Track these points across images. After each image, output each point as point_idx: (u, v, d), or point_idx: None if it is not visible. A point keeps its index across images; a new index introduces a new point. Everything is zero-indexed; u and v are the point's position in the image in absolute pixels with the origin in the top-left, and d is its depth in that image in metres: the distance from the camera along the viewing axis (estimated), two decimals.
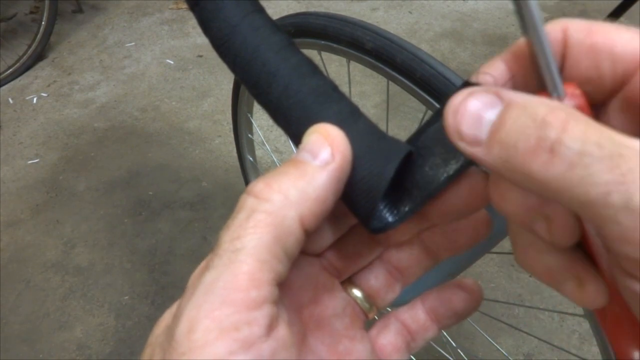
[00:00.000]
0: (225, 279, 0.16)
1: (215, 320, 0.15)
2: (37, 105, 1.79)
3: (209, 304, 0.15)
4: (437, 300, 0.24)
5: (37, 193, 1.46)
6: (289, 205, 0.17)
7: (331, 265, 0.23)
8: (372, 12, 2.07)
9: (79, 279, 1.24)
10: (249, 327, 0.15)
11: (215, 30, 0.23)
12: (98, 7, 2.29)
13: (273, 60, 0.22)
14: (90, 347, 1.11)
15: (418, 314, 0.24)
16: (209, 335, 0.15)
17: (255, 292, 0.16)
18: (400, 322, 0.24)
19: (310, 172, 0.18)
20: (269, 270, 0.16)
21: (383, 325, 0.24)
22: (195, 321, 0.15)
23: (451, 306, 0.23)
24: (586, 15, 1.95)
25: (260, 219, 0.17)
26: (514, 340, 1.05)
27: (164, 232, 1.32)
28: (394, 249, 0.24)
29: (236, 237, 0.17)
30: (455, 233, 0.22)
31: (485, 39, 1.86)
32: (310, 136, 0.19)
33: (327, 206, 0.18)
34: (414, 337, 0.24)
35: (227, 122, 1.62)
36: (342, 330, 0.23)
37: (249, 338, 0.15)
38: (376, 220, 0.20)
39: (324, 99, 0.21)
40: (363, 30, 0.57)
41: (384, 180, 0.19)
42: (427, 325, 0.24)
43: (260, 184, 0.18)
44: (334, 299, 0.23)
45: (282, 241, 0.17)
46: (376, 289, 0.24)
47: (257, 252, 0.16)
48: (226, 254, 0.16)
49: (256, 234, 0.17)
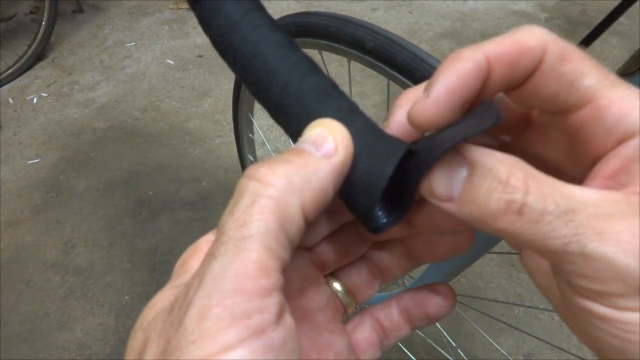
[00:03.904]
0: (235, 267, 0.16)
1: (227, 308, 0.15)
2: (37, 105, 1.79)
3: (220, 293, 0.15)
4: (411, 301, 0.24)
5: (37, 193, 1.46)
6: (292, 192, 0.17)
7: (319, 259, 0.23)
8: (372, 12, 2.07)
9: (79, 278, 1.24)
10: (260, 314, 0.15)
11: (215, 29, 0.23)
12: (98, 7, 2.30)
13: (273, 58, 0.22)
14: (90, 347, 1.11)
15: (392, 313, 0.24)
16: (220, 323, 0.15)
17: (264, 280, 0.16)
18: (375, 319, 0.24)
19: (314, 163, 0.18)
20: (275, 258, 0.16)
21: (359, 321, 0.24)
22: (206, 309, 0.15)
23: (424, 309, 0.24)
24: (585, 15, 1.95)
25: (266, 205, 0.16)
26: (514, 340, 1.05)
27: (164, 232, 1.32)
28: (378, 249, 0.24)
29: (242, 223, 0.16)
30: (438, 243, 0.23)
31: (485, 39, 1.85)
32: (313, 129, 0.19)
33: (327, 198, 0.18)
34: (387, 334, 0.24)
35: (227, 122, 1.62)
36: (323, 323, 0.23)
37: (260, 325, 0.15)
38: (374, 219, 0.20)
39: (324, 96, 0.21)
40: (364, 29, 0.57)
41: (383, 179, 0.19)
42: (400, 324, 0.24)
43: (263, 167, 0.18)
44: (319, 293, 0.23)
45: (286, 228, 0.17)
46: (357, 285, 0.24)
47: (264, 240, 0.16)
48: (232, 241, 0.16)
49: (262, 220, 0.16)
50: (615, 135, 0.17)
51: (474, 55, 0.17)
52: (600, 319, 0.16)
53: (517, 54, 0.17)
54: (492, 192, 0.16)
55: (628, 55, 0.39)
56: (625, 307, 0.15)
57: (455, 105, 0.17)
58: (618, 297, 0.15)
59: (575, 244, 0.15)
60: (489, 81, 0.18)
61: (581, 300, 0.16)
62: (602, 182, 0.17)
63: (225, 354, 0.15)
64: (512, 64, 0.17)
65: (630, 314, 0.15)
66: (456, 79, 0.17)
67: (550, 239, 0.15)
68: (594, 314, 0.16)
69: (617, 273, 0.15)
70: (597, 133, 0.17)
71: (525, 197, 0.15)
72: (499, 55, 0.17)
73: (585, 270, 0.15)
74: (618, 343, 0.15)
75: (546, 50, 0.17)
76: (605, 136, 0.17)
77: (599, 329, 0.16)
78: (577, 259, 0.15)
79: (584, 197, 0.16)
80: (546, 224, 0.15)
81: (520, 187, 0.16)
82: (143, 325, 0.18)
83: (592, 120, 0.17)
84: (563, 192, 0.16)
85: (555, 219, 0.15)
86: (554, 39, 0.17)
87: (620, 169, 0.17)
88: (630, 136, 0.17)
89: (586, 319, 0.16)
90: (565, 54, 0.17)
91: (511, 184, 0.16)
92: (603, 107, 0.17)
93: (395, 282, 0.87)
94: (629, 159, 0.17)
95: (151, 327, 0.17)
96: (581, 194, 0.16)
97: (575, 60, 0.17)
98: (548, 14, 1.97)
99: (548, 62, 0.17)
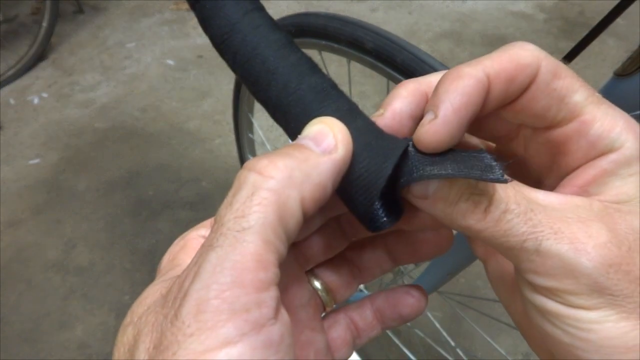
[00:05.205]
0: (233, 259, 0.15)
1: (226, 301, 0.15)
2: (38, 105, 1.79)
3: (218, 285, 0.15)
4: (385, 302, 0.25)
5: (37, 193, 1.46)
6: (292, 185, 0.17)
7: (301, 253, 0.23)
8: (371, 13, 2.07)
9: (80, 278, 1.24)
10: (258, 309, 0.15)
11: (215, 28, 0.23)
12: (99, 8, 2.30)
13: (272, 58, 0.22)
14: (90, 347, 1.11)
15: (366, 313, 0.25)
16: (219, 316, 0.14)
17: (263, 273, 0.15)
18: (350, 318, 0.25)
19: (314, 158, 0.18)
20: (273, 252, 0.16)
21: (334, 320, 0.24)
22: (203, 301, 0.15)
23: (397, 309, 0.24)
24: (583, 15, 1.96)
25: (266, 197, 0.16)
26: (512, 340, 1.05)
27: (164, 232, 1.33)
28: (359, 249, 0.25)
29: (241, 215, 0.16)
30: (419, 244, 0.24)
31: (485, 40, 1.87)
32: (313, 126, 0.19)
33: (326, 194, 0.18)
34: (359, 334, 0.25)
35: (227, 122, 1.63)
36: (305, 320, 0.23)
37: (259, 320, 0.15)
38: (374, 217, 0.20)
39: (323, 96, 0.21)
40: (363, 30, 0.57)
41: (382, 178, 0.19)
42: (373, 324, 0.25)
43: (264, 160, 0.17)
44: (302, 289, 0.23)
45: (285, 222, 0.16)
46: (337, 284, 0.24)
47: (263, 232, 0.16)
48: (231, 232, 0.16)
49: (261, 212, 0.16)
50: (596, 149, 0.18)
51: (475, 73, 0.17)
52: (554, 315, 0.16)
53: (515, 70, 0.18)
54: (463, 193, 0.17)
55: (626, 56, 0.39)
56: (576, 304, 0.16)
57: (463, 124, 0.17)
58: (570, 295, 0.16)
59: (532, 241, 0.16)
60: (487, 97, 0.18)
61: (537, 297, 0.17)
62: (573, 190, 0.18)
63: (224, 349, 0.14)
64: (509, 80, 0.18)
65: (581, 312, 0.16)
66: (461, 98, 0.17)
67: (509, 236, 0.16)
68: (548, 311, 0.16)
69: (570, 271, 0.15)
70: (580, 146, 0.18)
71: (491, 198, 0.17)
72: (498, 71, 0.18)
73: (540, 267, 0.16)
74: (569, 340, 0.16)
75: (540, 66, 0.18)
76: (587, 149, 0.18)
77: (552, 326, 0.16)
78: (533, 256, 0.16)
79: (546, 201, 0.17)
80: (507, 222, 0.16)
81: (488, 189, 0.17)
82: (133, 319, 0.17)
83: (577, 134, 0.18)
84: (526, 195, 0.17)
85: (515, 218, 0.16)
86: (546, 56, 0.18)
87: (593, 179, 0.18)
88: (609, 151, 0.17)
89: (545, 319, 0.17)
90: (557, 71, 0.18)
91: (480, 186, 0.17)
92: (588, 122, 0.18)
93: (395, 281, 0.87)
94: (603, 171, 0.18)
95: (142, 321, 0.16)
96: (543, 198, 0.17)
97: (566, 77, 0.18)
98: (546, 15, 1.98)
99: (541, 78, 0.18)
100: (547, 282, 0.16)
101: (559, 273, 0.16)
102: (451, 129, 0.17)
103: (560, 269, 0.16)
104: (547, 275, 0.16)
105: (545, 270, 0.16)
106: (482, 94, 0.17)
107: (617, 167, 0.17)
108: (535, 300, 0.17)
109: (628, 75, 0.39)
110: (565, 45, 1.79)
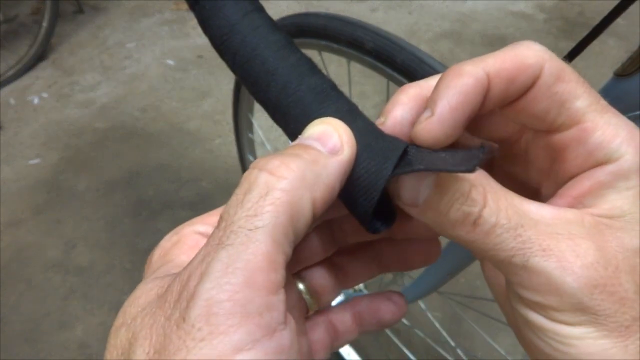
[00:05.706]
0: (245, 258, 0.15)
1: (238, 303, 0.14)
2: (38, 105, 1.79)
3: (230, 285, 0.14)
4: (366, 307, 0.24)
5: (38, 193, 1.46)
6: (305, 187, 0.17)
7: (292, 257, 0.23)
8: (371, 13, 2.07)
9: (80, 278, 1.24)
10: (269, 312, 0.15)
11: (215, 29, 0.23)
12: (99, 8, 2.30)
13: (272, 59, 0.22)
14: (90, 346, 1.11)
15: (346, 317, 0.24)
16: (232, 320, 0.14)
17: (273, 274, 0.15)
18: (329, 321, 0.24)
19: (323, 159, 0.18)
20: (282, 253, 0.16)
21: (313, 323, 0.24)
22: (215, 303, 0.14)
23: (377, 315, 0.24)
24: (583, 16, 1.96)
25: (279, 197, 0.16)
26: (512, 340, 1.05)
27: (164, 232, 1.32)
28: (347, 255, 0.24)
29: (253, 214, 0.16)
30: (408, 253, 0.24)
31: (485, 40, 1.87)
32: (316, 126, 0.19)
33: (334, 195, 0.18)
34: (338, 337, 0.24)
35: (227, 122, 1.62)
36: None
37: (271, 325, 0.15)
38: (373, 219, 0.20)
39: (323, 97, 0.21)
40: (363, 30, 0.57)
41: (382, 179, 0.19)
42: (352, 328, 0.24)
43: (274, 161, 0.17)
44: (290, 291, 0.23)
45: (295, 223, 0.16)
46: (321, 288, 0.24)
47: (274, 232, 0.15)
48: (243, 230, 0.15)
49: (274, 212, 0.16)
50: (594, 158, 0.17)
51: (475, 71, 0.17)
52: (540, 329, 0.17)
53: (516, 70, 0.17)
54: (453, 203, 0.17)
55: (626, 57, 0.39)
56: (561, 320, 0.16)
57: (459, 122, 0.17)
58: (554, 311, 0.16)
59: (520, 257, 0.16)
60: (487, 96, 0.18)
61: (525, 310, 0.17)
62: (567, 201, 0.18)
63: (236, 355, 0.14)
64: (510, 80, 0.17)
65: (564, 327, 0.16)
66: (458, 96, 0.17)
67: (498, 250, 0.16)
68: (535, 324, 0.17)
69: (555, 288, 0.16)
70: (578, 154, 0.18)
71: (482, 211, 0.16)
72: (498, 70, 0.17)
73: (527, 282, 0.16)
74: (550, 351, 0.16)
75: (543, 67, 0.17)
76: (585, 158, 0.18)
77: (539, 339, 0.17)
78: (520, 271, 0.16)
79: (537, 215, 0.17)
80: (496, 236, 0.16)
81: (479, 201, 0.17)
82: (126, 321, 0.16)
83: (576, 141, 0.18)
84: (518, 208, 0.17)
85: (505, 232, 0.16)
86: (551, 57, 0.18)
87: (589, 191, 0.17)
88: (608, 161, 0.17)
89: (530, 330, 0.17)
90: (561, 74, 0.17)
91: (471, 197, 0.17)
92: (588, 130, 0.17)
93: (395, 282, 0.87)
94: (599, 183, 0.17)
95: (138, 323, 0.16)
96: (535, 211, 0.17)
97: (570, 82, 0.17)
98: (546, 15, 1.98)
99: (544, 80, 0.17)
100: (533, 297, 0.16)
101: (545, 289, 0.16)
102: (447, 127, 0.17)
103: (546, 285, 0.16)
104: (533, 290, 0.16)
105: (532, 285, 0.16)
106: (480, 93, 0.17)
107: (614, 179, 0.17)
108: (521, 311, 0.17)
109: (628, 76, 0.39)
110: (565, 45, 1.79)
